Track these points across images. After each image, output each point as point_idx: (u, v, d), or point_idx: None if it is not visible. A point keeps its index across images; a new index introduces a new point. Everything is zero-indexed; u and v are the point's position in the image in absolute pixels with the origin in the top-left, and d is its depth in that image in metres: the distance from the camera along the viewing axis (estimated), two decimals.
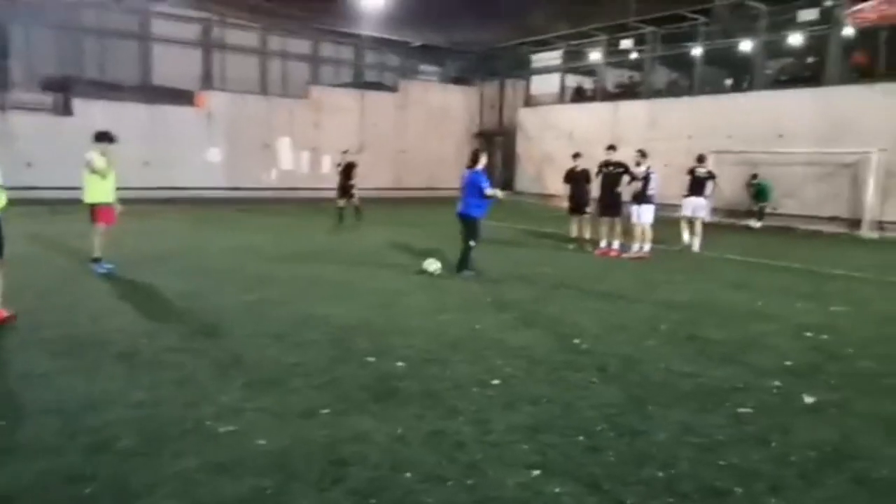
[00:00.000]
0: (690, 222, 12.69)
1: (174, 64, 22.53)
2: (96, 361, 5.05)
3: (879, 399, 4.74)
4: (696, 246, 12.46)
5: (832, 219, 16.79)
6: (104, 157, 8.45)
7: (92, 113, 20.27)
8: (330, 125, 24.80)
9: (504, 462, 3.61)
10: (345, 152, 15.69)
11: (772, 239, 15.31)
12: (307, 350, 5.51)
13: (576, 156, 12.41)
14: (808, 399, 4.66)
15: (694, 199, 12.63)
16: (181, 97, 22.60)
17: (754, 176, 18.02)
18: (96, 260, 8.55)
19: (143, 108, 21.28)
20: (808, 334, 6.47)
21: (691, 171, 12.79)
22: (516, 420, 4.18)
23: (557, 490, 3.32)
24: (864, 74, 17.81)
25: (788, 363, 5.53)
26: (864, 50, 18.20)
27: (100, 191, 8.49)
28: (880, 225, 16.03)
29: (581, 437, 3.95)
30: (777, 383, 5.00)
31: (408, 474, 3.43)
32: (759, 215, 17.87)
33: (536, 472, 3.50)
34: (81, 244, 9.34)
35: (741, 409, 4.45)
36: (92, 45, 21.73)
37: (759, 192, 17.84)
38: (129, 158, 14.89)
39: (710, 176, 12.84)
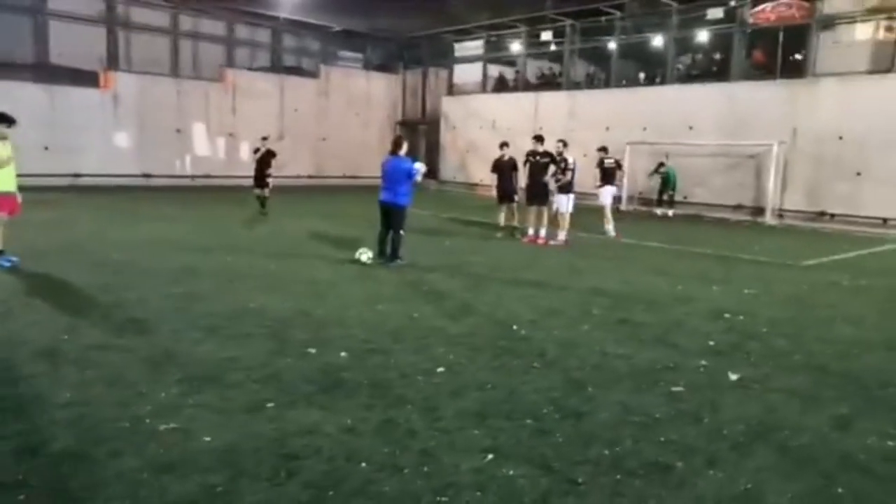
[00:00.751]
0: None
1: (75, 42, 21.02)
2: (12, 361, 4.69)
3: (794, 374, 5.13)
4: (612, 232, 13.11)
5: (737, 207, 17.90)
6: (5, 142, 7.80)
7: None
8: (248, 110, 23.95)
9: (456, 448, 3.65)
10: (264, 139, 15.17)
11: (683, 226, 16.14)
12: (243, 343, 5.34)
13: (503, 145, 12.63)
14: (733, 376, 4.98)
15: (609, 188, 13.56)
16: (83, 78, 21.12)
17: (661, 164, 18.83)
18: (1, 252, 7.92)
19: (40, 88, 19.77)
20: (727, 316, 6.89)
21: (601, 163, 13.67)
22: (464, 406, 4.23)
23: (511, 473, 3.39)
24: (764, 71, 19.04)
25: (711, 343, 5.87)
26: (763, 48, 19.45)
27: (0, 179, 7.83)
28: (780, 213, 17.24)
29: (528, 421, 4.05)
30: (703, 362, 5.30)
31: (363, 464, 3.41)
32: (670, 203, 18.74)
33: (489, 457, 3.56)
34: None
35: (674, 388, 4.69)
36: None
37: (665, 179, 18.70)
38: (27, 143, 13.80)
39: (618, 165, 13.89)
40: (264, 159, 14.71)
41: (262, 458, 3.42)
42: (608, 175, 13.65)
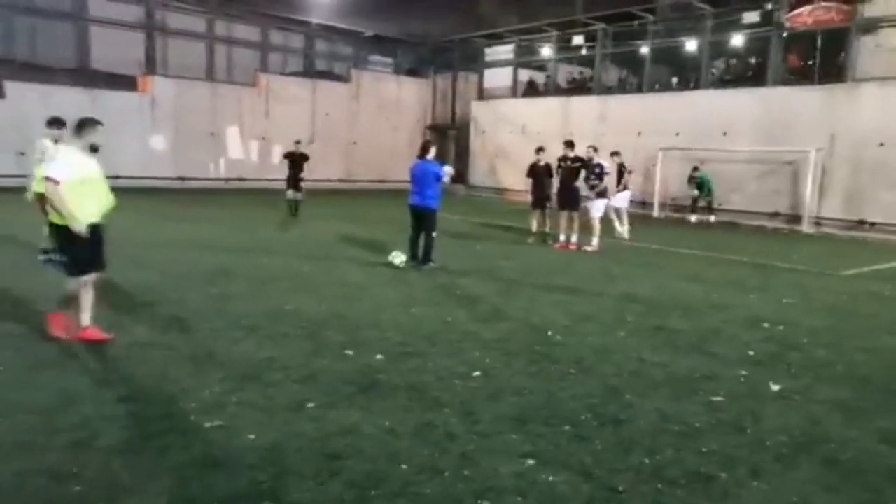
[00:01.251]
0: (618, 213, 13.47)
1: (114, 47, 21.56)
2: (64, 357, 4.83)
3: (836, 385, 5.02)
4: (626, 234, 13.28)
5: (774, 214, 17.57)
6: (60, 145, 8.08)
7: (25, 96, 19.27)
8: (280, 114, 24.29)
9: (496, 452, 3.66)
10: (297, 143, 15.38)
11: (718, 233, 15.91)
12: (281, 344, 5.42)
13: (539, 150, 12.57)
14: (774, 387, 4.90)
15: (627, 192, 13.68)
16: (122, 82, 21.66)
17: (696, 168, 18.53)
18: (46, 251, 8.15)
19: (81, 92, 20.29)
20: (765, 325, 6.78)
21: (622, 166, 13.58)
22: (502, 411, 4.24)
23: (552, 478, 3.39)
24: (799, 76, 18.68)
25: (751, 353, 5.78)
26: (800, 52, 19.10)
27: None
28: (818, 221, 16.88)
29: (567, 427, 4.04)
30: (743, 372, 5.23)
31: (404, 466, 3.44)
32: (708, 209, 18.37)
33: (529, 462, 3.56)
34: (29, 235, 8.86)
35: (713, 398, 4.64)
36: (23, 24, 20.54)
37: (699, 185, 18.40)
38: None
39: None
40: (297, 163, 14.88)
41: (306, 457, 3.47)
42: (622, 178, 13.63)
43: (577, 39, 23.72)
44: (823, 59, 17.99)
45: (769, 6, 18.63)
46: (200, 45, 23.56)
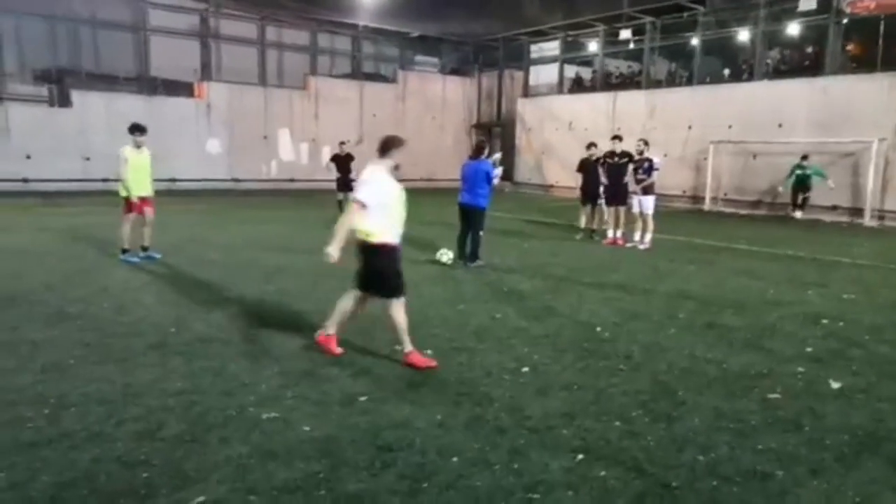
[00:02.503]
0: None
1: (171, 55, 22.38)
2: (128, 351, 5.07)
3: None
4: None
5: (833, 208, 16.93)
6: (141, 150, 8.68)
7: (90, 104, 20.19)
8: (329, 116, 24.74)
9: (546, 447, 3.67)
10: (342, 143, 15.61)
11: (774, 228, 15.42)
12: None
13: (590, 146, 12.40)
14: (835, 384, 4.75)
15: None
16: (179, 88, 22.50)
17: (804, 157, 16.81)
18: (126, 251, 8.98)
19: (141, 99, 21.15)
20: (824, 321, 6.56)
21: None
22: (551, 406, 4.24)
23: (603, 473, 3.39)
24: (861, 64, 17.93)
25: (809, 349, 5.61)
26: (862, 40, 18.32)
27: (135, 184, 8.82)
28: (880, 214, 16.18)
29: (617, 423, 4.01)
30: (801, 369, 5.08)
31: (454, 459, 3.49)
32: (802, 205, 17.26)
33: (580, 457, 3.56)
34: (103, 234, 9.34)
35: (770, 395, 4.53)
36: (87, 36, 21.50)
37: (801, 178, 16.90)
38: None
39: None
40: (345, 164, 15.11)
41: (359, 449, 3.56)
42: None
43: (625, 34, 23.36)
44: (886, 45, 17.21)
45: None
46: (252, 50, 24.20)
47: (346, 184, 15.14)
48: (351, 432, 3.76)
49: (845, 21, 17.84)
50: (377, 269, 5.06)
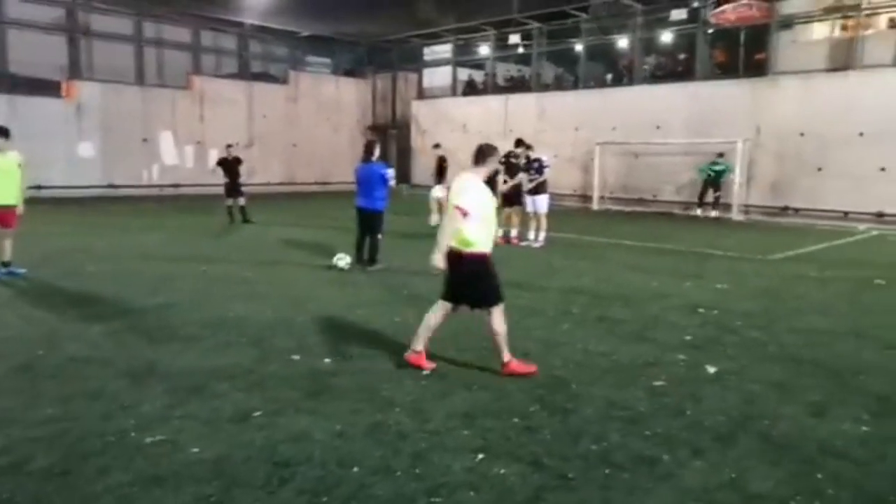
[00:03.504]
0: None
1: (35, 51, 20.55)
2: None
3: (770, 365, 5.27)
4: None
5: (705, 203, 18.23)
6: (4, 154, 7.95)
7: None
8: (216, 118, 23.65)
9: (447, 449, 3.68)
10: (229, 146, 14.97)
11: (655, 224, 16.41)
12: (226, 352, 5.30)
13: None
14: (711, 369, 5.10)
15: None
16: (45, 87, 20.68)
17: (720, 155, 17.47)
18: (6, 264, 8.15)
19: (0, 98, 19.27)
20: (701, 310, 7.05)
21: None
22: (452, 407, 4.26)
23: (503, 471, 3.43)
24: (727, 70, 19.48)
25: (688, 338, 6.00)
26: (725, 48, 19.91)
27: None
28: (746, 209, 17.65)
29: (516, 420, 4.09)
30: (682, 357, 5.42)
31: (355, 469, 3.42)
32: (714, 204, 17.79)
33: (480, 456, 3.59)
34: None
35: (655, 383, 4.79)
36: None
37: (713, 177, 17.59)
38: None
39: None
40: (233, 168, 14.47)
41: (254, 467, 3.40)
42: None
43: (514, 38, 24.04)
44: (747, 54, 18.82)
45: (696, 4, 19.35)
46: (128, 47, 22.69)
47: (235, 189, 14.53)
48: (245, 450, 3.58)
49: (711, 31, 19.32)
50: (473, 280, 4.87)
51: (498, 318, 4.92)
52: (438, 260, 4.85)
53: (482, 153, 5.06)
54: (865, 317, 6.93)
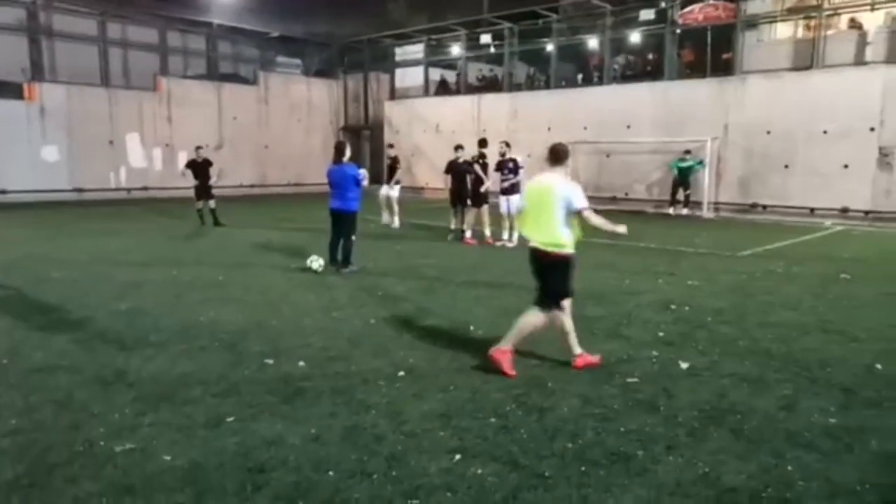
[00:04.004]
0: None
1: None
2: None
3: (740, 360, 5.35)
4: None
5: (676, 202, 18.47)
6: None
7: None
8: (185, 119, 23.29)
9: (424, 450, 3.67)
10: (198, 149, 14.75)
11: (626, 221, 16.51)
12: (198, 357, 5.21)
13: (457, 148, 12.60)
14: (684, 365, 5.17)
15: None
16: (6, 89, 20.13)
17: (687, 151, 17.52)
18: None
19: None
20: (673, 307, 7.14)
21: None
22: (429, 408, 4.25)
23: (480, 471, 3.43)
24: (695, 70, 19.79)
25: (661, 334, 6.08)
26: (693, 48, 20.23)
27: None
28: (716, 206, 17.94)
29: (493, 419, 4.10)
30: (655, 353, 5.48)
31: (331, 473, 3.39)
32: (685, 202, 17.74)
33: (457, 457, 3.59)
34: None
35: (629, 379, 4.84)
36: None
37: (681, 173, 17.62)
38: None
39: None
40: (203, 170, 14.26)
41: (227, 473, 3.35)
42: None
43: (485, 38, 24.10)
44: (714, 53, 19.13)
45: (663, 4, 19.62)
46: (93, 48, 22.23)
47: (205, 191, 14.32)
48: (218, 457, 3.53)
49: (679, 31, 19.61)
50: (561, 279, 4.98)
51: (566, 315, 5.10)
52: (622, 227, 5.26)
53: (560, 154, 5.17)
54: (832, 311, 7.09)
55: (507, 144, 12.10)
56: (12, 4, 20.42)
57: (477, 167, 12.10)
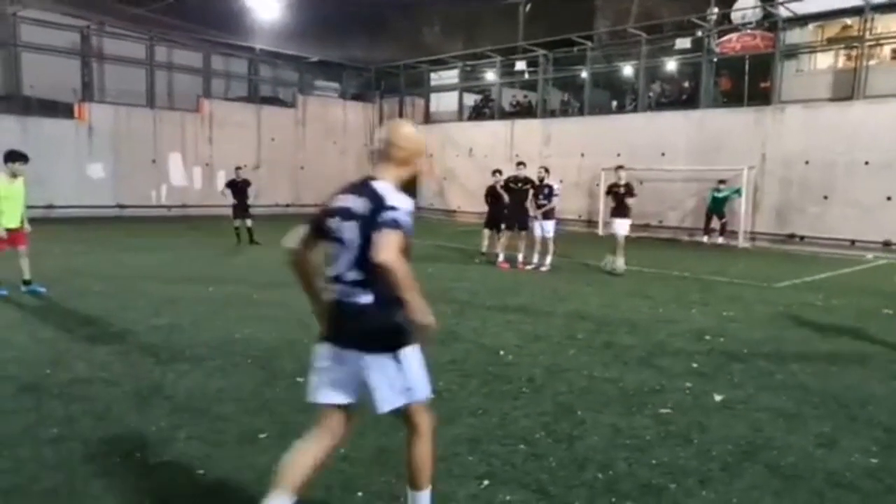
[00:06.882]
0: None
1: (48, 73, 20.87)
2: None
3: (777, 394, 5.24)
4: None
5: (711, 230, 18.23)
6: (17, 179, 8.22)
7: None
8: (224, 140, 23.91)
9: (452, 475, 3.67)
10: (238, 169, 15.16)
11: (660, 250, 16.40)
12: (232, 374, 5.30)
13: (495, 172, 12.75)
14: (718, 397, 5.07)
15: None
16: (57, 109, 21.00)
17: (722, 182, 17.45)
18: (27, 282, 8.37)
19: (13, 119, 19.55)
20: (707, 337, 7.02)
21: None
22: (458, 433, 4.25)
23: (508, 498, 3.42)
24: (731, 98, 19.63)
25: (695, 365, 5.98)
26: (730, 76, 20.09)
27: (5, 216, 8.15)
28: (752, 236, 17.64)
29: (522, 446, 4.08)
30: (688, 384, 5.40)
31: (360, 494, 3.41)
32: (721, 231, 17.56)
33: (485, 482, 3.58)
34: None
35: (662, 410, 4.77)
36: None
37: (716, 203, 17.52)
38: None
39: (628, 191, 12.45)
40: (242, 190, 14.68)
41: (260, 491, 3.38)
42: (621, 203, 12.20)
43: (520, 65, 24.32)
44: (752, 82, 18.96)
45: (699, 33, 19.58)
46: (140, 71, 23.05)
47: (244, 210, 14.68)
48: (250, 473, 3.58)
49: (716, 59, 19.51)
50: None
51: None
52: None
53: None
54: (872, 347, 6.89)
55: (547, 170, 12.17)
56: (67, 28, 21.34)
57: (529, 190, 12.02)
